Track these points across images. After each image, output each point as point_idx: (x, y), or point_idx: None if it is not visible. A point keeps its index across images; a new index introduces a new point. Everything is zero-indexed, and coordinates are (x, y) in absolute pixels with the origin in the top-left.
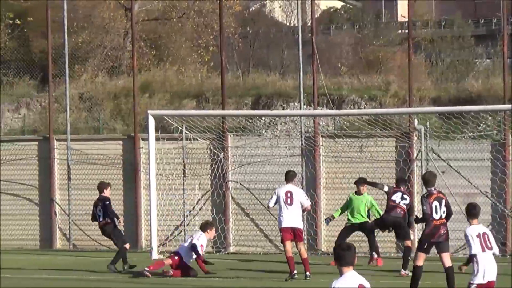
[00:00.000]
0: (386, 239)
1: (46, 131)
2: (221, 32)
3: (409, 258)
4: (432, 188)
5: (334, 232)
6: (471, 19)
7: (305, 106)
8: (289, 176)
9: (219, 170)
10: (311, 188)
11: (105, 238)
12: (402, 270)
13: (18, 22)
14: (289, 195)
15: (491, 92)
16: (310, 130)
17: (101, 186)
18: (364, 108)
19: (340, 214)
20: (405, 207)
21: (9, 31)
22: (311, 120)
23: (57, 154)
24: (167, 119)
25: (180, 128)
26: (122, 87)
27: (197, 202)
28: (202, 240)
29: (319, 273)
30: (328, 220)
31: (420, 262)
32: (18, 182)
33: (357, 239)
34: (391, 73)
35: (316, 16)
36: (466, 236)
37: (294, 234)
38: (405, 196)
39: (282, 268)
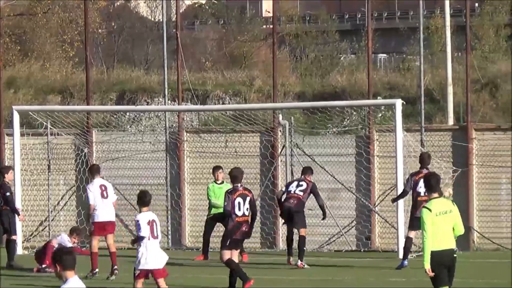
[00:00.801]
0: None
1: None
2: (86, 28)
3: (305, 248)
4: (238, 185)
5: (198, 227)
6: (335, 14)
7: (169, 102)
8: (96, 170)
9: (84, 165)
10: (175, 183)
11: None
12: (299, 261)
13: None
14: (103, 188)
15: (356, 87)
16: (174, 125)
17: (3, 171)
18: (229, 103)
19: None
20: (301, 194)
21: None
22: (175, 115)
23: None
24: (32, 114)
25: (44, 123)
26: None
27: (62, 198)
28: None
29: (185, 266)
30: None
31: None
32: None
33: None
34: (255, 68)
35: (181, 11)
36: (137, 221)
37: (107, 227)
38: (301, 183)
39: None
